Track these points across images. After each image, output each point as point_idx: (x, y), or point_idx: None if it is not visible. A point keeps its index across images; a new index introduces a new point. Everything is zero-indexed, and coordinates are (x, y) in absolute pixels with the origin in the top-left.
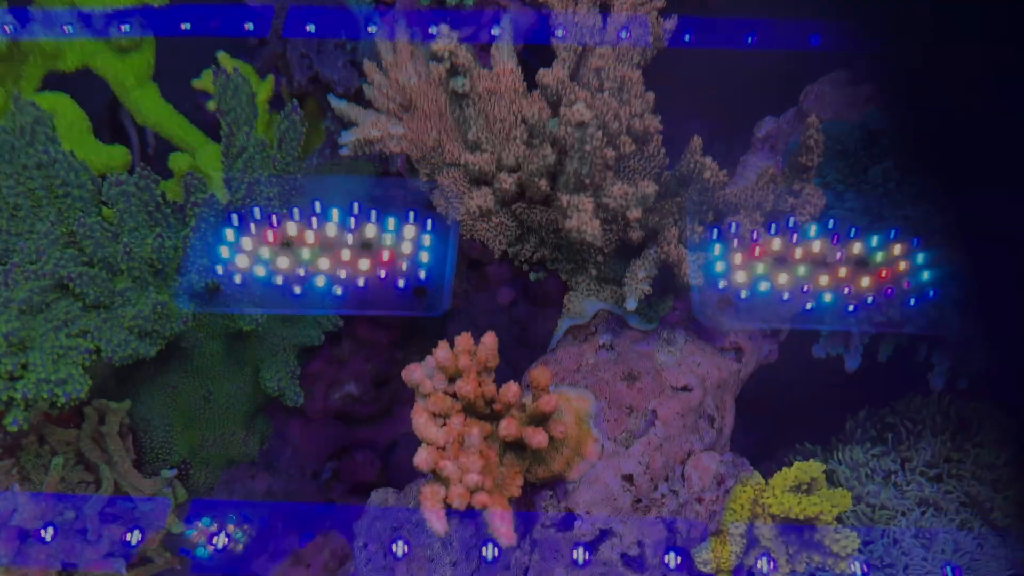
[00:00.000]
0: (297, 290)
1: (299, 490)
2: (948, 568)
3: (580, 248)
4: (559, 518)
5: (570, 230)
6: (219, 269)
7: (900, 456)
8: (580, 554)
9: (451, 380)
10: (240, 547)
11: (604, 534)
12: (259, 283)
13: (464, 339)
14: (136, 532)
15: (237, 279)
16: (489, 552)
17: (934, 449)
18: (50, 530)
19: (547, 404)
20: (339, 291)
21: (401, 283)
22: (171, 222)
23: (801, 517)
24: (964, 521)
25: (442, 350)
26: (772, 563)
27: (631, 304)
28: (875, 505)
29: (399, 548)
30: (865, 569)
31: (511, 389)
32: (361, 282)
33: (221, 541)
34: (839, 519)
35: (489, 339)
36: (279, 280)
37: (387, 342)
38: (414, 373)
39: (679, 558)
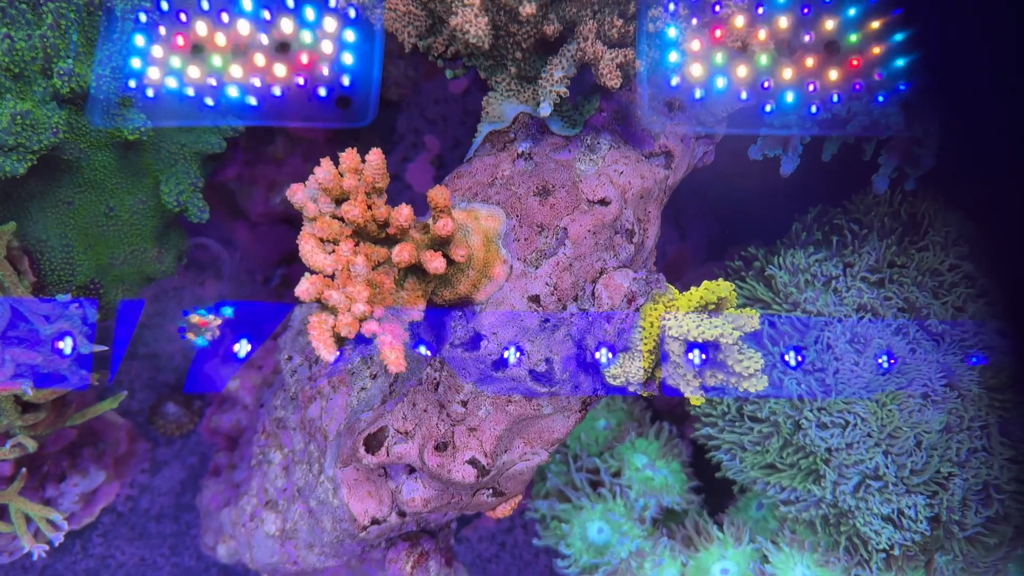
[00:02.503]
0: (198, 95)
1: (250, 295)
2: (884, 356)
3: (495, 43)
4: (467, 339)
5: (454, 29)
6: (95, 75)
7: (843, 261)
8: (488, 371)
9: (339, 203)
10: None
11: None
12: (148, 91)
13: (349, 156)
14: (68, 339)
15: (116, 85)
16: None
17: (879, 253)
18: None
19: (443, 229)
20: (253, 102)
21: (322, 92)
22: (29, 19)
23: (700, 340)
24: (900, 327)
25: (323, 169)
26: (681, 377)
27: (545, 109)
28: (812, 312)
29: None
30: (799, 359)
31: (403, 212)
32: (278, 91)
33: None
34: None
35: (375, 157)
36: (174, 85)
37: (324, 138)
38: (296, 194)
39: (588, 374)
